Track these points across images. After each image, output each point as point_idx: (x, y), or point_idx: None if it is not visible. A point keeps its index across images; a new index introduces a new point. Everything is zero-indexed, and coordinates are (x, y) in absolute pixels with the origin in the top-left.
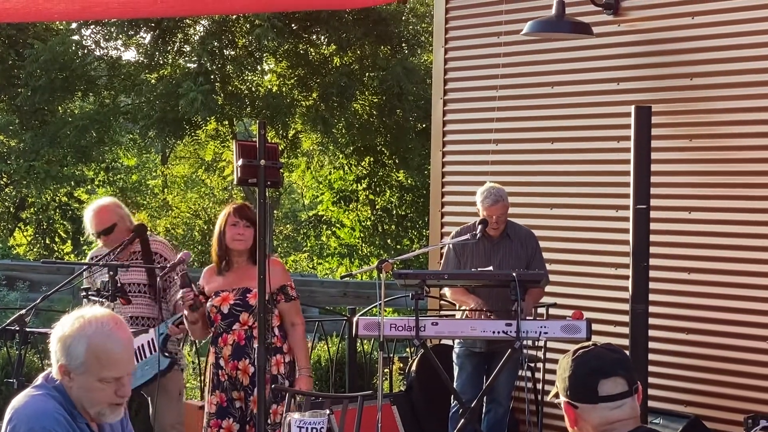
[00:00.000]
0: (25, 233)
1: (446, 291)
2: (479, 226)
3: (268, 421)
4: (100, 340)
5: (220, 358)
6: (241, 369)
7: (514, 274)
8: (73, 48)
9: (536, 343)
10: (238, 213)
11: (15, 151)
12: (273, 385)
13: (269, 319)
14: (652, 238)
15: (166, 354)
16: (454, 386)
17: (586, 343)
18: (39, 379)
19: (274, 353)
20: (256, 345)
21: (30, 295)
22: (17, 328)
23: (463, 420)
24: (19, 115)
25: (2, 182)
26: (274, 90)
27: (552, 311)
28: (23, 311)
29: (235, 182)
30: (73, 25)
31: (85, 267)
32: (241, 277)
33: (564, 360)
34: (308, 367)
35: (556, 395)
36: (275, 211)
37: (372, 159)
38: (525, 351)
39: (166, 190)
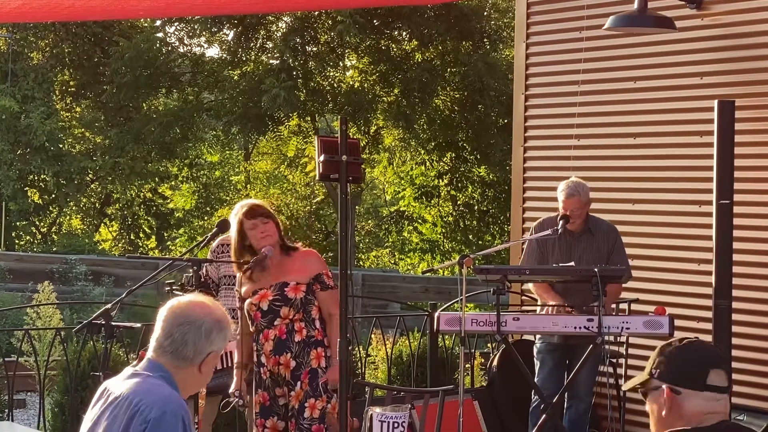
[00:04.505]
0: (110, 229)
1: (530, 284)
2: (560, 221)
3: (303, 415)
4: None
5: (261, 354)
6: (282, 364)
7: (595, 270)
8: (158, 45)
9: (618, 338)
10: (250, 214)
11: (100, 147)
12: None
13: (309, 311)
14: (736, 233)
15: None
16: (535, 381)
17: (689, 336)
18: (142, 367)
19: (314, 346)
20: (297, 339)
21: (115, 290)
22: (103, 322)
23: (544, 415)
24: (105, 112)
25: (88, 178)
26: (355, 86)
27: (634, 307)
28: (109, 306)
29: (317, 178)
30: (158, 23)
31: (168, 263)
32: (276, 273)
33: (667, 347)
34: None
35: (642, 384)
36: (356, 207)
37: (453, 155)
38: (606, 346)
39: (248, 186)
